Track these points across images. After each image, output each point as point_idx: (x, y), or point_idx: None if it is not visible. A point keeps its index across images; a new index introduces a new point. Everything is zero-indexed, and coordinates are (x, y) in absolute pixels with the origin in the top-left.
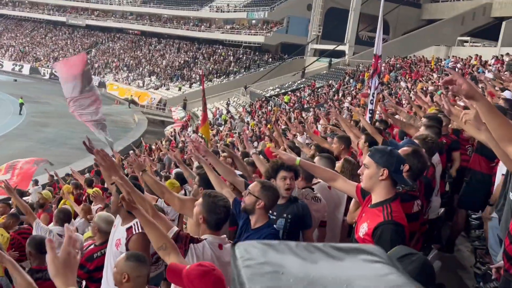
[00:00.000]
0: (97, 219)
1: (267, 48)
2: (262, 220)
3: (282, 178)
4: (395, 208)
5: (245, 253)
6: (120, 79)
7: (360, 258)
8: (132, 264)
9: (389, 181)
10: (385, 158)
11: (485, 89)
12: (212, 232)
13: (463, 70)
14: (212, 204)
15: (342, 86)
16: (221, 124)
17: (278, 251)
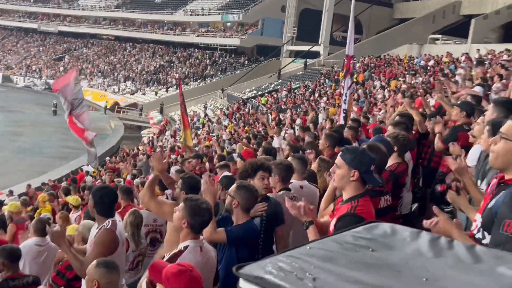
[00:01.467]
0: (82, 228)
1: (243, 50)
2: (242, 219)
3: (261, 178)
4: (362, 203)
5: (368, 229)
6: (95, 85)
7: (497, 266)
8: (101, 271)
9: (359, 181)
10: (356, 159)
11: (448, 91)
12: (194, 236)
13: (435, 68)
14: (196, 207)
15: (318, 86)
16: (199, 127)
17: (407, 237)
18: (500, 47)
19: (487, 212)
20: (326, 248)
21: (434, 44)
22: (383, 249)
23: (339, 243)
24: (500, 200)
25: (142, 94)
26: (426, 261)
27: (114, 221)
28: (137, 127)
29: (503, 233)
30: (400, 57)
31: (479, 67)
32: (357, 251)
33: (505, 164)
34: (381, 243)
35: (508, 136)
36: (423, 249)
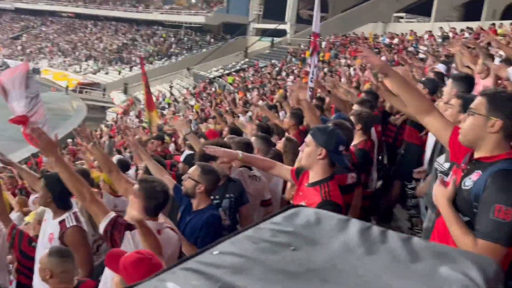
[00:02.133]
0: (40, 211)
1: (209, 28)
2: (204, 203)
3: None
4: (332, 187)
5: (289, 218)
6: (55, 65)
7: (438, 268)
8: (54, 260)
9: (327, 161)
10: (325, 138)
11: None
12: (150, 218)
13: (399, 46)
14: (150, 189)
15: (285, 65)
16: (165, 107)
17: (334, 227)
18: (462, 25)
19: (461, 193)
20: (237, 251)
21: (398, 22)
22: (306, 245)
23: (255, 242)
24: (480, 182)
25: (105, 74)
26: (357, 261)
27: (75, 213)
28: (101, 107)
29: (494, 219)
30: (365, 35)
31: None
32: (276, 253)
33: (474, 141)
34: (304, 238)
35: (476, 111)
36: (353, 242)
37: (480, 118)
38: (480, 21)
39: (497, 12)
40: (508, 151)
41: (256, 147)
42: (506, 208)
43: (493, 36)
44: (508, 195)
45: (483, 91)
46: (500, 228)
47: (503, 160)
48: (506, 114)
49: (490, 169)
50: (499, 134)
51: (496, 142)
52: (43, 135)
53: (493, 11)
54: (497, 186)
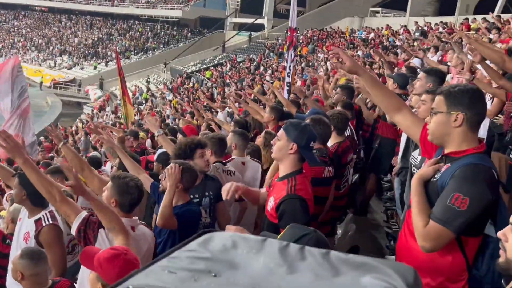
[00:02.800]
0: (12, 209)
1: (186, 22)
2: (182, 200)
3: (200, 156)
4: (299, 181)
5: (203, 243)
6: (29, 60)
7: (360, 279)
8: (24, 262)
9: (297, 156)
10: (297, 133)
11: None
12: (124, 214)
13: (375, 41)
14: (124, 185)
15: (263, 60)
16: (142, 102)
17: (251, 249)
18: (436, 19)
19: (431, 185)
20: (155, 283)
21: (374, 17)
22: (227, 270)
23: (172, 272)
24: (446, 174)
25: (80, 69)
26: (280, 281)
27: (51, 212)
28: (76, 103)
29: (450, 205)
30: (342, 30)
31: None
32: (197, 281)
33: (441, 138)
34: (223, 262)
35: (437, 109)
36: (273, 263)
37: (442, 116)
38: (454, 16)
39: (470, 7)
40: (475, 146)
41: (233, 143)
42: (464, 197)
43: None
44: (469, 186)
45: (439, 89)
46: (452, 214)
47: (471, 155)
48: (465, 106)
49: (458, 162)
50: (464, 127)
51: (462, 136)
52: (9, 138)
53: (466, 6)
54: (461, 177)
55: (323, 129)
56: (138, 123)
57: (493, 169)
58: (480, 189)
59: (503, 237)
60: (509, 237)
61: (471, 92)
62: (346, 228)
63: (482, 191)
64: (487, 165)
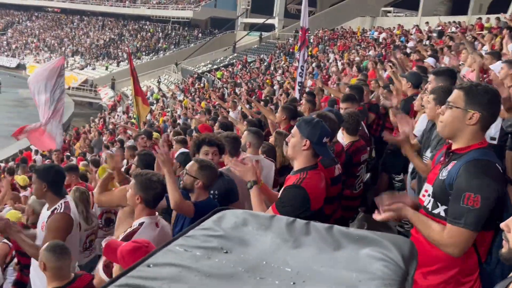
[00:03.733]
0: (32, 201)
1: (196, 23)
2: (203, 197)
3: (205, 153)
4: (310, 175)
5: (217, 221)
6: (42, 61)
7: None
8: (47, 255)
9: (310, 151)
10: (309, 129)
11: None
12: (149, 211)
13: (386, 40)
14: (147, 181)
15: (274, 60)
16: (153, 103)
17: (261, 226)
18: (449, 19)
19: (438, 183)
20: (172, 261)
21: (386, 16)
22: (238, 247)
23: (187, 250)
24: (453, 171)
25: (92, 69)
26: (287, 255)
27: (66, 202)
28: (88, 103)
29: (464, 206)
30: (353, 29)
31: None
32: (210, 258)
33: (452, 133)
34: (234, 239)
35: (454, 104)
36: (280, 238)
37: (458, 111)
38: (467, 15)
39: (484, 6)
40: (480, 141)
41: (248, 141)
42: (475, 195)
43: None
44: (476, 183)
45: (459, 84)
46: (469, 215)
47: (474, 150)
48: (483, 106)
49: (462, 159)
50: (477, 126)
51: (473, 134)
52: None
53: (479, 6)
54: (467, 174)
55: (329, 125)
56: (150, 123)
57: (497, 163)
58: (487, 183)
59: (506, 228)
60: (511, 228)
61: (491, 93)
62: (357, 226)
63: (489, 185)
64: (490, 159)
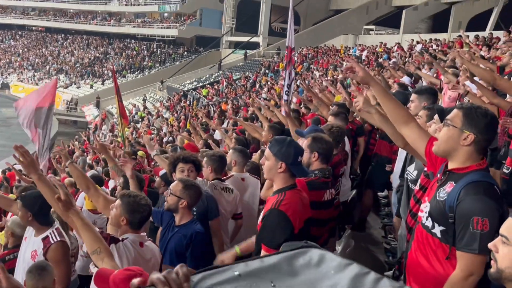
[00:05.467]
0: (11, 223)
1: (182, 41)
2: (186, 218)
3: (180, 170)
4: (288, 196)
5: (293, 256)
6: (25, 79)
7: None
8: (33, 276)
9: (288, 173)
10: (283, 151)
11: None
12: (133, 231)
13: (369, 58)
14: (134, 203)
15: (259, 77)
16: (138, 121)
17: (331, 270)
18: (429, 36)
19: (436, 204)
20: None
21: (368, 34)
22: (288, 279)
23: (239, 276)
24: (453, 194)
25: (76, 88)
26: None
27: (58, 229)
28: (72, 122)
29: (475, 231)
30: (336, 47)
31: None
32: None
33: (447, 151)
34: (292, 274)
35: (452, 123)
36: (341, 285)
37: (454, 130)
38: (447, 33)
39: (463, 24)
40: (478, 162)
41: (233, 160)
42: (482, 219)
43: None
44: (482, 206)
45: (460, 104)
46: (482, 240)
47: (473, 172)
48: (479, 129)
49: (462, 181)
50: (471, 148)
51: (467, 155)
52: (26, 153)
53: (458, 23)
54: (470, 198)
55: (326, 147)
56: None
57: (495, 185)
58: (490, 205)
59: (494, 248)
60: (499, 248)
61: (489, 118)
62: (345, 244)
63: (492, 207)
64: (490, 181)
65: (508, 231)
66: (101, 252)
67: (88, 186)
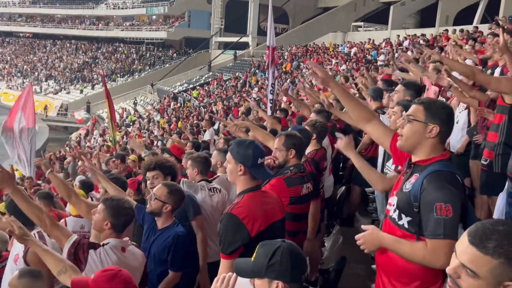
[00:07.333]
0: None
1: (171, 43)
2: (168, 221)
3: (148, 179)
4: (246, 199)
5: None
6: (14, 86)
7: None
8: (24, 281)
9: (248, 175)
10: (241, 153)
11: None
12: (116, 235)
13: (357, 55)
14: (118, 207)
15: (249, 77)
16: (129, 124)
17: None
18: (417, 31)
19: (402, 196)
20: None
21: (357, 31)
22: None
23: None
24: (417, 184)
25: (66, 93)
26: None
27: (39, 231)
28: (63, 127)
29: (439, 217)
30: (325, 45)
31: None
32: None
33: (413, 146)
34: None
35: (415, 118)
36: None
37: (419, 125)
38: (435, 27)
39: (450, 18)
40: (441, 153)
41: (219, 161)
42: (445, 205)
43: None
44: (443, 192)
45: (419, 99)
46: (446, 225)
47: (436, 162)
48: (441, 120)
49: (425, 171)
50: (436, 139)
51: (432, 146)
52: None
53: (446, 17)
54: (433, 186)
55: (300, 142)
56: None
57: (457, 174)
58: (451, 191)
59: (454, 274)
60: (461, 274)
61: (449, 109)
62: (334, 240)
63: (453, 193)
64: (451, 170)
65: (475, 265)
66: (66, 270)
67: (69, 194)
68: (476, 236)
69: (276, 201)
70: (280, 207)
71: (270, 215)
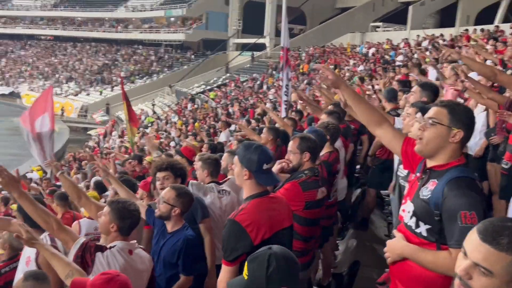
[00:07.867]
0: (8, 235)
1: (189, 45)
2: (178, 224)
3: (157, 180)
4: (251, 205)
5: None
6: (36, 88)
7: None
8: (29, 284)
9: (254, 180)
10: (247, 158)
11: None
12: (123, 238)
13: (375, 55)
14: (123, 209)
15: (266, 79)
16: (147, 126)
17: None
18: (437, 31)
19: (420, 203)
20: None
21: (375, 31)
22: None
23: None
24: (437, 191)
25: (86, 95)
26: None
27: (50, 234)
28: (83, 129)
29: (464, 226)
30: (343, 45)
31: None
32: None
33: (435, 150)
34: None
35: (438, 121)
36: None
37: (442, 128)
38: (455, 27)
39: (471, 18)
40: (457, 158)
41: (229, 163)
42: (470, 212)
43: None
44: (467, 200)
45: (442, 102)
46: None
47: (453, 168)
48: (466, 124)
49: (444, 178)
50: (458, 144)
51: (453, 151)
52: (4, 172)
53: (466, 17)
54: (455, 193)
55: (315, 145)
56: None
57: (476, 179)
58: (474, 199)
59: (466, 275)
60: (473, 274)
61: (472, 113)
62: (348, 243)
63: (476, 200)
64: (471, 176)
65: (489, 262)
66: (73, 274)
67: (79, 195)
68: (487, 233)
69: (285, 208)
70: (288, 214)
71: (277, 223)
